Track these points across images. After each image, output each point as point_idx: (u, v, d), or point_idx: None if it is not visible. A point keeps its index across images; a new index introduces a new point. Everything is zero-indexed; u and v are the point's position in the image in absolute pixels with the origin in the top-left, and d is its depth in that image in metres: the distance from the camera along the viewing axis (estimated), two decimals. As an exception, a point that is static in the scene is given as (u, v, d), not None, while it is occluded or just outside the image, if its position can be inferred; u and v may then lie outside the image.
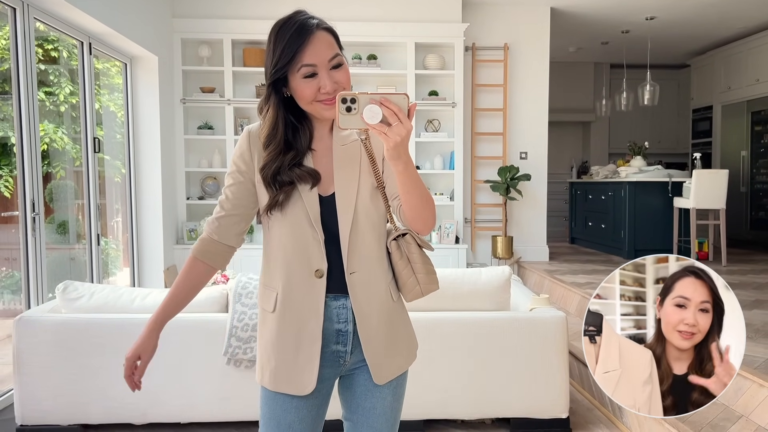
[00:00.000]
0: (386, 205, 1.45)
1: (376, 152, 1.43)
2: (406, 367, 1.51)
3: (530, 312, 3.02)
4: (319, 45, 1.33)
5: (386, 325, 1.45)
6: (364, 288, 1.41)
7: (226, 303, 2.96)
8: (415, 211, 1.32)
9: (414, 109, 1.17)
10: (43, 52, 4.11)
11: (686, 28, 7.32)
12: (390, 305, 1.46)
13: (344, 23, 5.80)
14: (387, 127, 1.16)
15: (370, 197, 1.42)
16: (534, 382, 2.92)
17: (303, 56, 1.32)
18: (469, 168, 6.40)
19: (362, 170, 1.42)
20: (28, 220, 3.55)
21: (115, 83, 5.24)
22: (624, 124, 9.55)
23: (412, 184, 1.27)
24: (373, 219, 1.43)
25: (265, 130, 1.40)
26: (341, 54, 1.37)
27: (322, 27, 1.35)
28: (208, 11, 5.87)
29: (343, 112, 1.18)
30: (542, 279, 5.70)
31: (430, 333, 2.88)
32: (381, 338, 1.44)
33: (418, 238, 1.46)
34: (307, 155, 1.41)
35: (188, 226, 5.88)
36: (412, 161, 1.24)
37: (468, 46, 6.28)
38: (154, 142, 5.34)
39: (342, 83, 1.35)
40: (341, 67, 1.36)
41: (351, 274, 1.40)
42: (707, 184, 5.92)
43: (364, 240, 1.41)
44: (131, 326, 2.82)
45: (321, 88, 1.33)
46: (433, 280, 1.47)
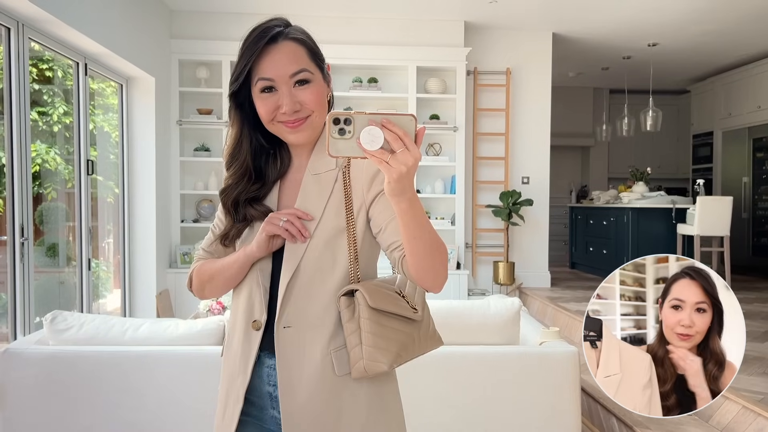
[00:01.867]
0: (350, 250, 1.19)
1: (355, 187, 1.19)
2: None
3: (541, 347, 2.90)
4: (279, 56, 1.16)
5: (319, 400, 1.16)
6: (295, 349, 1.17)
7: (222, 335, 2.83)
8: (423, 262, 1.07)
9: (423, 133, 0.95)
10: (37, 72, 4.01)
11: (688, 55, 7.30)
12: (329, 377, 1.16)
13: (345, 46, 5.76)
14: (389, 154, 0.94)
15: (327, 243, 1.18)
16: (545, 418, 2.79)
17: (259, 68, 1.16)
18: (470, 192, 6.30)
19: (327, 209, 1.19)
20: (17, 245, 3.41)
21: (109, 103, 5.14)
22: (624, 149, 9.51)
23: (417, 227, 1.03)
24: (325, 270, 1.18)
25: (228, 148, 1.25)
26: (311, 71, 1.18)
27: (290, 37, 1.18)
28: (206, 32, 5.79)
29: (335, 135, 0.95)
30: (545, 306, 5.58)
31: (437, 367, 2.75)
32: (307, 415, 1.16)
33: (371, 299, 1.13)
34: (273, 189, 1.26)
35: (182, 249, 5.74)
36: (417, 198, 1.01)
37: (470, 70, 6.22)
38: (148, 163, 5.22)
39: (306, 104, 1.17)
40: (307, 85, 1.17)
41: (284, 328, 1.17)
42: (712, 211, 5.84)
43: (308, 292, 1.17)
44: (123, 359, 2.68)
45: (280, 107, 1.16)
46: (382, 357, 1.13)
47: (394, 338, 1.15)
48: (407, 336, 1.18)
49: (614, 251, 6.88)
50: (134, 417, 2.69)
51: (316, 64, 1.21)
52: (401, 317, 1.18)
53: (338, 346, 1.17)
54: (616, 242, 6.82)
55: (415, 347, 1.20)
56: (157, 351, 2.71)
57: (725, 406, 2.91)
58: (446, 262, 1.11)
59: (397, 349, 1.16)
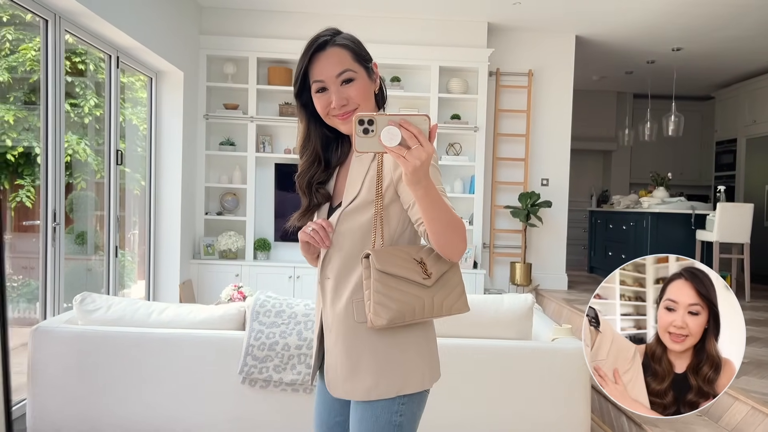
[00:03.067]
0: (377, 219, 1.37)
1: (386, 167, 1.38)
2: (365, 396, 1.39)
3: (552, 342, 2.95)
4: (326, 61, 1.37)
5: (343, 342, 1.41)
6: (332, 296, 1.43)
7: (243, 321, 2.92)
8: (440, 238, 1.25)
9: (435, 131, 1.11)
10: (70, 65, 4.15)
11: (712, 60, 7.27)
12: (349, 323, 1.40)
13: (369, 45, 5.77)
14: (406, 150, 1.10)
15: (358, 209, 1.40)
16: (554, 414, 2.84)
17: (312, 72, 1.39)
18: (489, 193, 6.35)
19: (364, 184, 1.40)
20: (49, 230, 3.55)
21: (138, 97, 5.28)
22: (646, 155, 9.48)
23: (434, 210, 1.20)
24: (355, 234, 1.41)
25: (299, 140, 1.50)
26: (353, 69, 1.39)
27: (335, 44, 1.40)
28: (234, 29, 5.91)
29: (360, 134, 1.13)
30: (561, 308, 5.61)
31: (451, 359, 2.81)
32: (336, 353, 1.42)
33: (379, 261, 1.32)
34: (334, 172, 1.50)
35: (206, 241, 5.87)
36: (433, 186, 1.18)
37: (492, 71, 6.27)
38: (175, 156, 5.35)
39: (352, 98, 1.38)
40: (352, 83, 1.38)
41: (326, 279, 1.45)
42: (732, 217, 5.82)
43: (342, 249, 1.41)
44: (148, 340, 2.79)
45: (331, 103, 1.37)
46: (382, 314, 1.31)
47: (397, 298, 1.31)
48: (415, 298, 1.33)
49: (633, 256, 6.83)
50: (157, 395, 2.81)
51: (360, 64, 1.42)
52: (409, 281, 1.34)
53: (359, 298, 1.39)
54: (635, 247, 6.82)
55: (427, 310, 1.35)
56: (180, 334, 2.82)
57: (735, 407, 2.93)
58: (464, 236, 1.27)
59: (399, 307, 1.31)
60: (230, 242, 5.83)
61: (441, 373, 1.54)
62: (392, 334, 1.39)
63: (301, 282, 5.75)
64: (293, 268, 5.79)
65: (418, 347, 1.43)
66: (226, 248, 5.84)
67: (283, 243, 6.07)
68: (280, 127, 6.07)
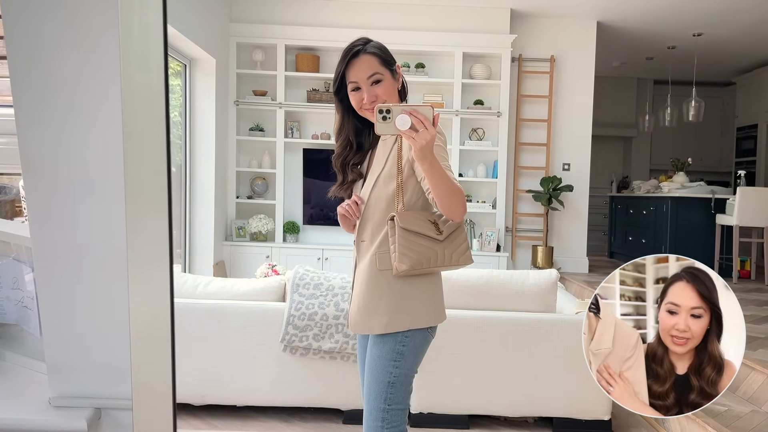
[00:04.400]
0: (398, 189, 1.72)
1: (404, 148, 1.73)
2: (381, 330, 1.72)
3: (576, 315, 3.10)
4: (360, 66, 1.70)
5: (365, 285, 1.76)
6: (363, 253, 1.79)
7: (283, 293, 3.11)
8: (442, 201, 1.57)
9: (438, 119, 1.44)
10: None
11: (733, 46, 7.30)
12: (372, 271, 1.74)
13: (394, 32, 5.98)
14: (415, 132, 1.42)
15: (384, 183, 1.75)
16: (577, 383, 2.99)
17: (348, 74, 1.72)
18: (512, 177, 6.48)
19: (388, 160, 1.75)
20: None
21: (172, 84, 5.46)
22: (666, 141, 9.52)
23: (437, 179, 1.52)
24: (382, 201, 1.75)
25: (335, 127, 1.85)
26: (381, 72, 1.71)
27: (367, 51, 1.71)
28: (263, 17, 6.08)
29: (380, 120, 1.46)
30: (582, 290, 5.74)
31: (477, 331, 2.98)
32: (359, 295, 1.77)
33: (402, 221, 1.68)
34: (368, 154, 1.85)
35: (237, 223, 6.07)
36: (437, 161, 1.50)
37: (515, 57, 6.38)
38: (209, 141, 5.55)
39: (379, 96, 1.71)
40: (380, 83, 1.71)
41: (361, 242, 1.81)
42: (752, 201, 5.89)
43: (373, 216, 1.77)
44: (195, 311, 2.98)
45: (363, 100, 1.71)
46: (404, 261, 1.66)
47: (416, 249, 1.68)
48: (430, 250, 1.70)
49: (653, 241, 6.97)
50: (204, 361, 3.00)
51: (386, 67, 1.74)
52: (425, 236, 1.70)
53: (383, 251, 1.74)
54: (655, 232, 6.91)
55: (440, 259, 1.71)
56: (225, 304, 3.01)
57: (752, 377, 3.07)
58: (463, 201, 1.59)
59: (418, 257, 1.68)
60: (260, 225, 6.03)
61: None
62: (406, 281, 1.73)
63: (330, 263, 5.93)
64: (321, 250, 5.97)
65: (427, 292, 1.77)
66: (257, 230, 6.04)
67: (312, 226, 6.26)
68: (308, 113, 6.23)
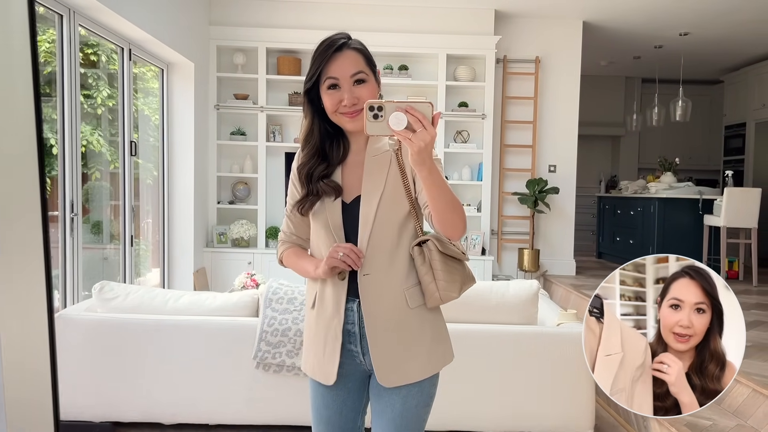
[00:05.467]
0: (413, 210, 1.51)
1: (406, 161, 1.49)
2: (422, 376, 1.52)
3: (557, 327, 3.03)
4: (343, 61, 1.46)
5: (396, 328, 1.50)
6: (375, 290, 1.49)
7: (256, 308, 3.02)
8: (442, 216, 1.37)
9: (438, 117, 1.24)
10: (83, 56, 4.23)
11: (720, 45, 7.25)
12: (404, 310, 1.50)
13: (377, 34, 5.89)
14: (412, 133, 1.22)
15: (392, 203, 1.49)
16: (560, 397, 2.92)
17: (328, 69, 1.46)
18: (497, 180, 6.40)
19: (389, 178, 1.50)
20: (67, 220, 3.65)
21: (150, 87, 5.36)
22: (654, 140, 9.47)
23: (437, 189, 1.33)
24: (392, 224, 1.50)
25: (302, 134, 1.57)
26: (367, 73, 1.48)
27: (351, 47, 1.48)
28: (244, 19, 5.97)
29: (371, 119, 1.25)
30: (568, 293, 5.68)
31: (457, 344, 2.87)
32: (388, 341, 1.50)
33: (441, 245, 1.48)
34: (337, 169, 1.55)
35: (218, 229, 5.97)
36: (436, 167, 1.31)
37: (499, 58, 6.30)
38: (187, 146, 5.44)
39: (362, 98, 1.45)
40: (363, 84, 1.47)
41: (364, 275, 1.49)
42: (739, 202, 5.85)
43: (380, 243, 1.49)
44: (165, 327, 2.89)
45: (342, 101, 1.45)
46: (453, 289, 1.49)
47: (457, 274, 1.51)
48: (463, 272, 1.53)
49: (641, 241, 6.92)
50: (174, 380, 2.91)
51: (370, 68, 1.50)
52: (457, 259, 1.52)
53: (411, 285, 1.51)
54: (643, 232, 6.86)
55: (469, 278, 1.55)
56: (196, 320, 2.92)
57: (737, 390, 3.00)
58: (463, 218, 1.40)
59: (461, 281, 1.51)
60: (242, 230, 5.93)
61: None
62: (434, 313, 1.56)
63: (312, 269, 5.83)
64: (304, 256, 5.87)
65: (443, 323, 1.61)
66: (239, 236, 5.94)
67: (294, 231, 6.15)
68: (290, 116, 6.14)
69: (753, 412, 2.87)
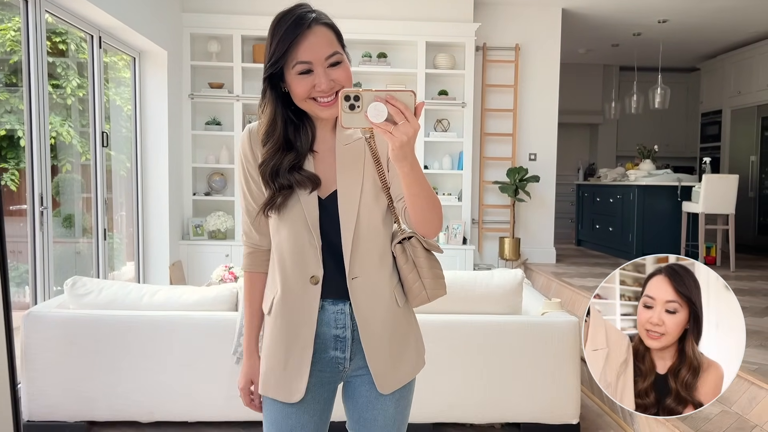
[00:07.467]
0: (391, 206, 1.38)
1: (381, 152, 1.35)
2: (413, 375, 1.45)
3: (542, 316, 2.99)
4: (315, 41, 1.26)
5: (391, 331, 1.39)
6: (367, 293, 1.35)
7: (235, 302, 2.94)
8: (422, 214, 1.25)
9: (421, 107, 1.10)
10: (51, 45, 4.08)
11: (698, 32, 7.28)
12: (395, 311, 1.39)
13: (354, 21, 5.79)
14: (392, 126, 1.09)
15: (374, 199, 1.36)
16: (545, 387, 2.89)
17: (297, 52, 1.26)
18: (477, 168, 6.36)
19: (366, 170, 1.35)
20: (36, 214, 3.52)
21: (121, 77, 5.21)
22: (632, 127, 9.52)
23: (418, 186, 1.20)
24: (376, 222, 1.36)
25: (263, 126, 1.35)
26: (341, 52, 1.30)
27: (321, 22, 1.29)
28: (217, 6, 5.83)
29: (346, 110, 1.10)
30: (550, 282, 5.67)
31: (441, 336, 2.85)
32: (385, 345, 1.38)
33: (424, 241, 1.39)
34: (307, 157, 1.35)
35: (194, 221, 5.85)
36: (418, 163, 1.18)
37: (479, 46, 6.24)
38: (161, 137, 5.30)
39: (340, 81, 1.29)
40: (340, 65, 1.29)
41: (353, 279, 1.34)
42: (717, 189, 5.88)
43: (367, 244, 1.35)
44: (140, 323, 2.79)
45: (316, 86, 1.27)
46: (440, 285, 1.41)
47: (439, 269, 1.41)
48: (441, 267, 1.43)
49: (620, 229, 6.94)
50: (151, 377, 2.82)
51: (342, 46, 1.32)
52: (434, 254, 1.43)
53: (396, 283, 1.41)
54: (622, 220, 6.88)
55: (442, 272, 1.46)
56: (172, 316, 2.83)
57: (720, 376, 3.00)
58: (441, 215, 1.30)
59: (443, 276, 1.42)
60: (219, 222, 5.82)
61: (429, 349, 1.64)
62: (411, 309, 1.46)
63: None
64: (283, 247, 5.79)
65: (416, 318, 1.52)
66: (215, 228, 5.83)
67: (273, 222, 6.06)
68: (267, 105, 6.01)
69: (737, 398, 2.86)
